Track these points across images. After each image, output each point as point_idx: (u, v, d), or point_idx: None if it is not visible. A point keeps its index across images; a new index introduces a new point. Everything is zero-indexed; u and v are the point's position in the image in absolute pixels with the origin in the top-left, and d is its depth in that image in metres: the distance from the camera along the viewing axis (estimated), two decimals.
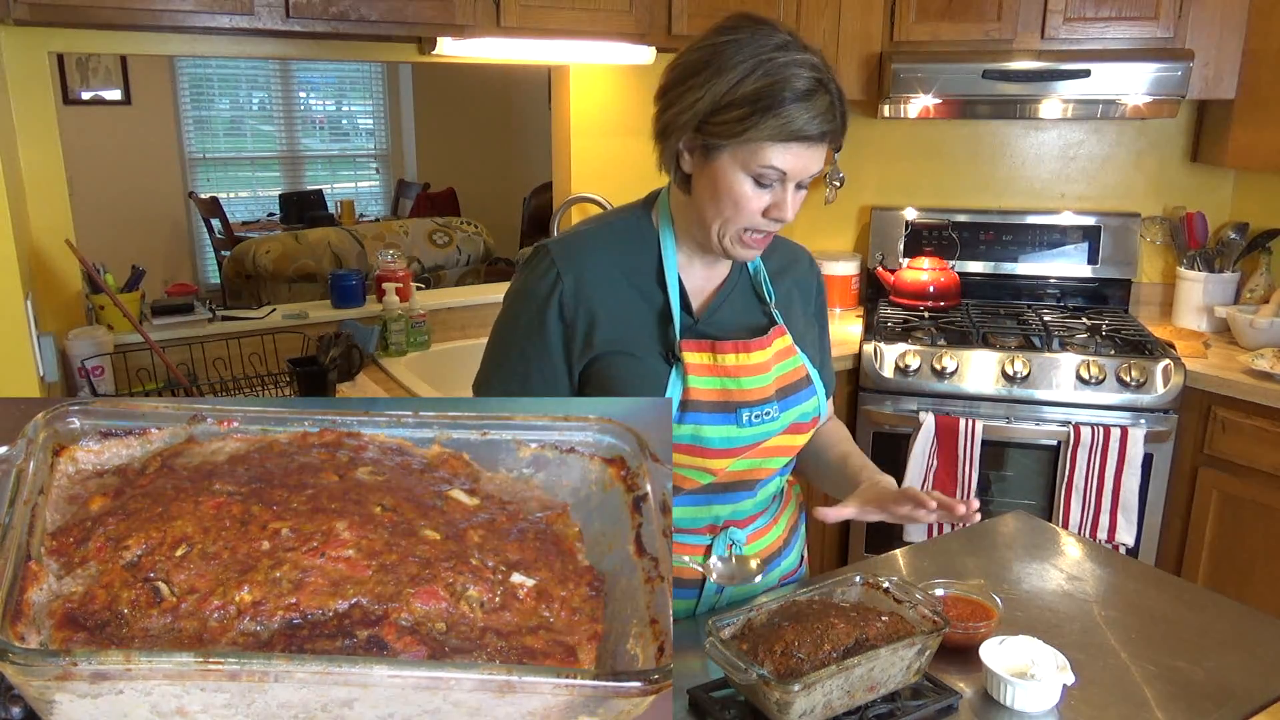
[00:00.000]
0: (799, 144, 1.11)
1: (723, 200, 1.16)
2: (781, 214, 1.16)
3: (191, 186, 6.96)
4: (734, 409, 1.22)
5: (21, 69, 2.04)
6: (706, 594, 1.31)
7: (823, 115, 1.11)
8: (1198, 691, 1.12)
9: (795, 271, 1.39)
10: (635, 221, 1.28)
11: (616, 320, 1.22)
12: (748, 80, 1.10)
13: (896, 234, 3.07)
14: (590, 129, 2.84)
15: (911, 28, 2.67)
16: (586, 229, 1.29)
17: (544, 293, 1.22)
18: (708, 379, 1.22)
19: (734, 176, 1.14)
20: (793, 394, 1.28)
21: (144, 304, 2.32)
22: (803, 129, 1.10)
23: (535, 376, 1.23)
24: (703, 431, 1.21)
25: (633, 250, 1.26)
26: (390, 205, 7.82)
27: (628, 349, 1.22)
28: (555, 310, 1.21)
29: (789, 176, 1.14)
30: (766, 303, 1.32)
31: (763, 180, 1.14)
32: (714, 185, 1.16)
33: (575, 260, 1.23)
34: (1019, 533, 1.56)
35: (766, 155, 1.11)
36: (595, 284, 1.22)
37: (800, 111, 1.09)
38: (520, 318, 1.24)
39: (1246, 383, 2.35)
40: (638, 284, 1.24)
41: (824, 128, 1.11)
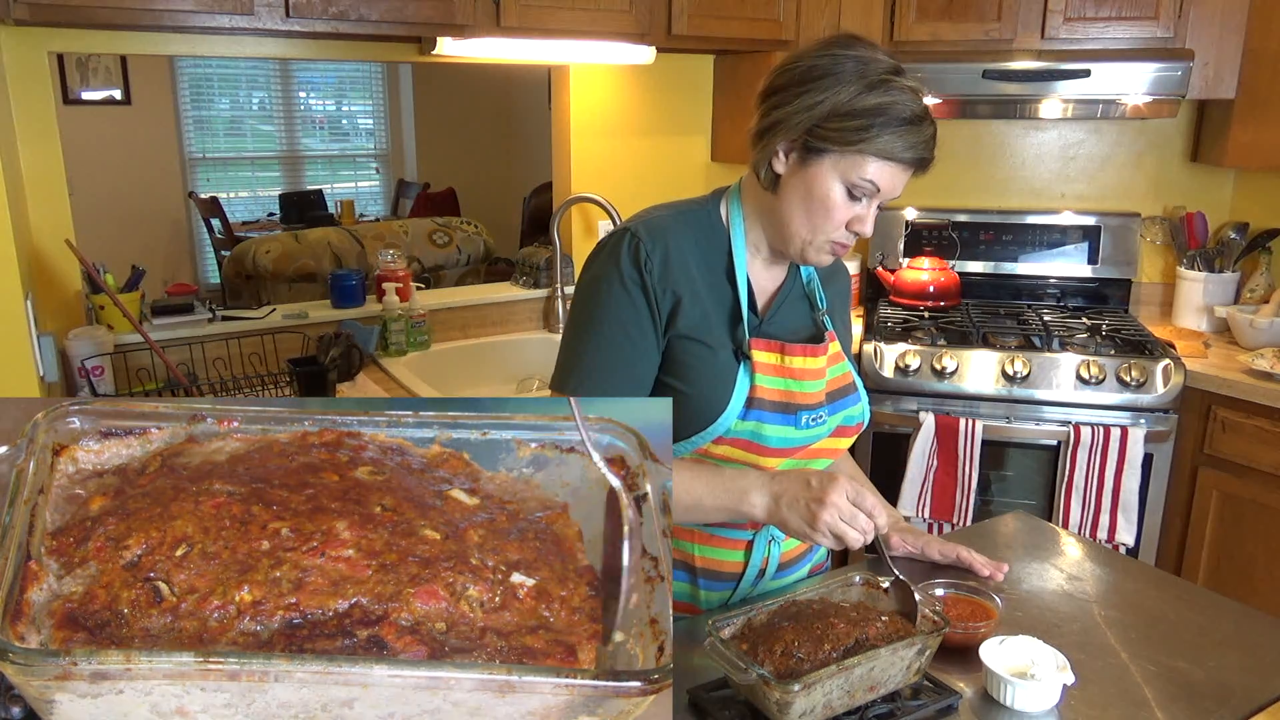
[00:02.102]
0: (898, 165, 1.17)
1: (814, 206, 1.19)
2: (863, 228, 1.21)
3: (191, 186, 6.96)
4: (794, 411, 1.25)
5: (21, 69, 2.04)
6: (743, 586, 1.32)
7: (925, 143, 1.17)
8: (1198, 691, 1.12)
9: (838, 280, 1.43)
10: (706, 215, 1.30)
11: (697, 306, 1.24)
12: (869, 95, 1.14)
13: (896, 234, 3.07)
14: (590, 129, 2.84)
15: (911, 28, 2.67)
16: (664, 213, 1.29)
17: (634, 269, 1.21)
18: (774, 379, 1.24)
19: (831, 184, 1.18)
20: (841, 399, 1.32)
21: (144, 304, 2.32)
22: (906, 151, 1.15)
23: (638, 356, 1.22)
24: (764, 430, 1.23)
25: (705, 241, 1.27)
26: (390, 205, 7.82)
27: (703, 338, 1.23)
28: (646, 286, 1.21)
29: (881, 194, 1.18)
30: (818, 309, 1.35)
31: (856, 192, 1.18)
32: (808, 189, 1.19)
33: (661, 240, 1.23)
34: (1019, 533, 1.56)
35: (868, 169, 1.16)
36: (678, 266, 1.23)
37: (910, 134, 1.15)
38: (613, 295, 1.22)
39: (1246, 383, 2.35)
40: (710, 276, 1.26)
41: (923, 154, 1.17)
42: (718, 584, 1.32)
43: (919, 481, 2.51)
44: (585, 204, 2.84)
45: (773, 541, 1.32)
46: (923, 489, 2.52)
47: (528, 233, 6.81)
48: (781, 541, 1.33)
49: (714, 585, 1.32)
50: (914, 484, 2.51)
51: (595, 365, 1.22)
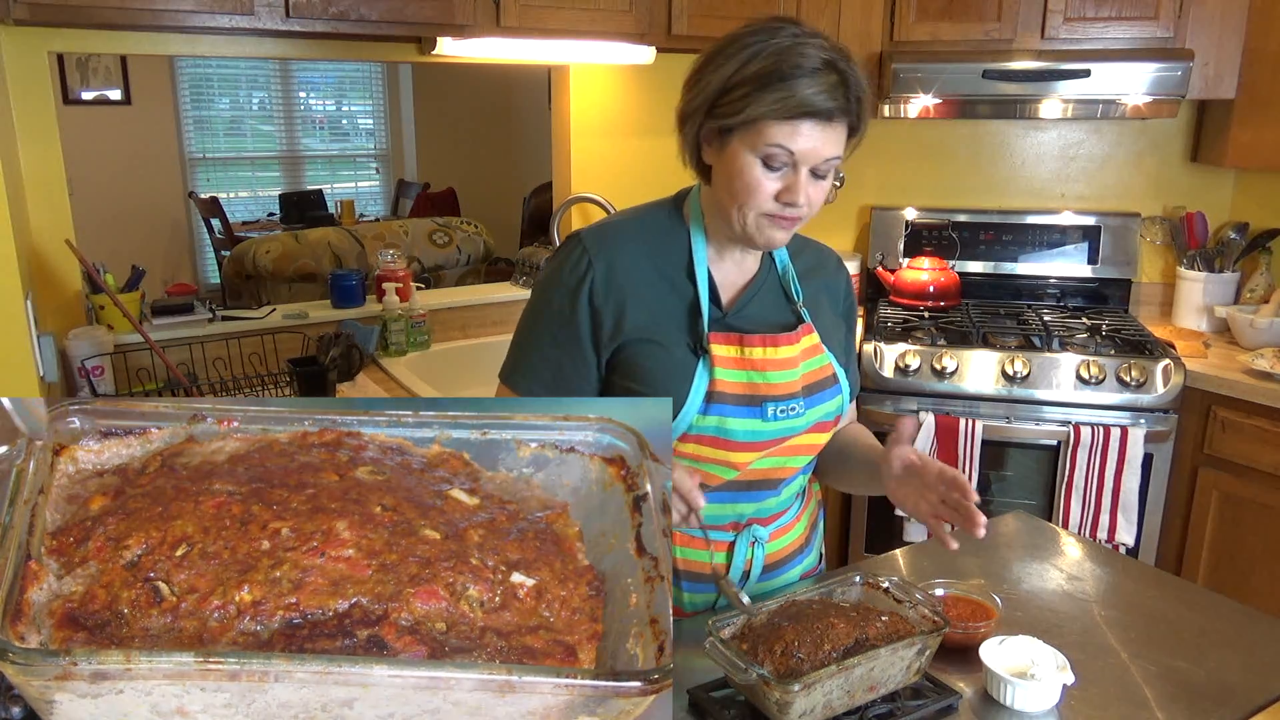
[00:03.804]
0: (806, 121, 1.10)
1: (735, 185, 1.16)
2: (792, 198, 1.14)
3: (191, 186, 6.96)
4: (760, 402, 1.23)
5: (21, 69, 2.04)
6: None
7: (828, 92, 1.09)
8: (1198, 691, 1.12)
9: (823, 273, 1.40)
10: (666, 216, 1.30)
11: (646, 309, 1.23)
12: (753, 61, 1.11)
13: (896, 234, 3.07)
14: (590, 129, 2.84)
15: (911, 28, 2.67)
16: (619, 219, 1.31)
17: (576, 279, 1.23)
18: (734, 371, 1.23)
19: (744, 160, 1.14)
20: (818, 391, 1.29)
21: (144, 304, 2.32)
22: (806, 103, 1.09)
23: (566, 363, 1.24)
24: (728, 424, 1.22)
25: (663, 242, 1.27)
26: (390, 205, 7.81)
27: (656, 338, 1.23)
28: (586, 296, 1.22)
29: (798, 158, 1.13)
30: (794, 301, 1.33)
31: (772, 162, 1.13)
32: (728, 170, 1.17)
33: (607, 247, 1.24)
34: (1019, 533, 1.56)
35: (772, 133, 1.11)
36: (626, 272, 1.23)
37: (804, 86, 1.09)
38: (552, 303, 1.25)
39: (1246, 383, 2.35)
40: (668, 276, 1.26)
41: (829, 104, 1.10)
42: (701, 586, 1.30)
43: None
44: (585, 204, 2.84)
45: (755, 544, 1.30)
46: None
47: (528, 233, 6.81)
48: (765, 543, 1.31)
49: (698, 588, 1.30)
50: None
51: (531, 362, 1.27)
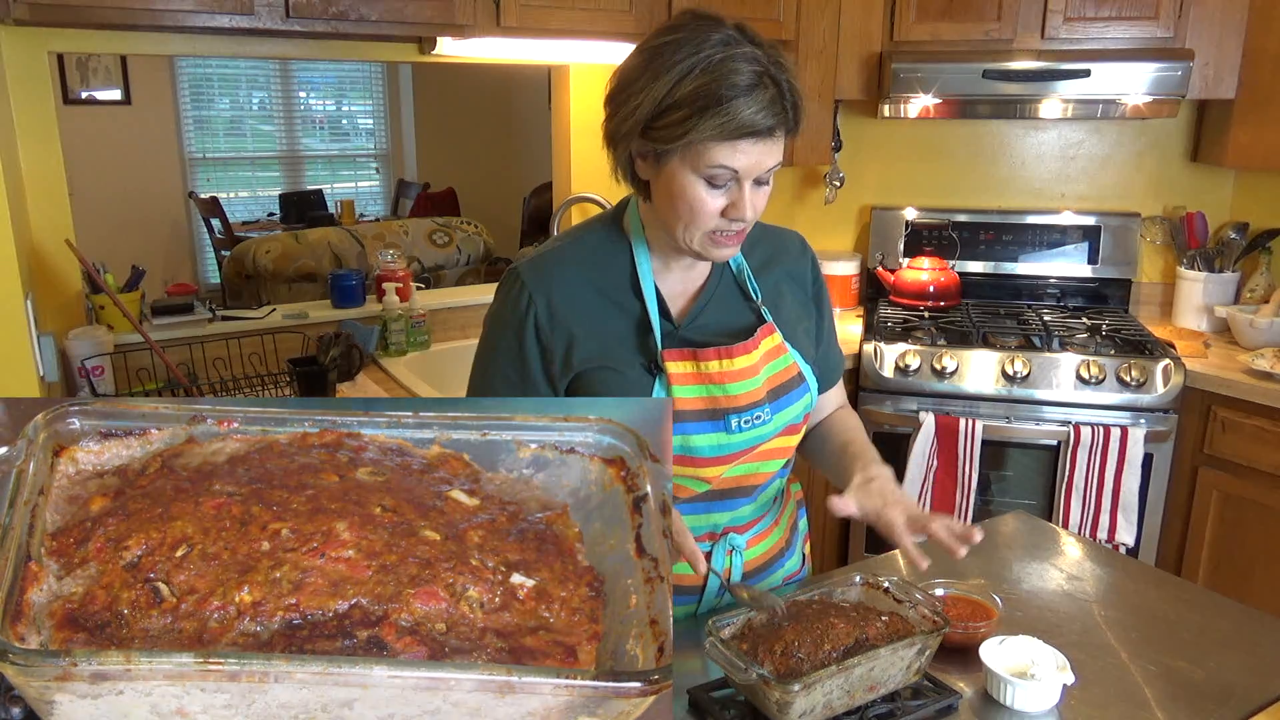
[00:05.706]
0: (746, 140, 1.07)
1: (679, 205, 1.13)
2: (740, 214, 1.12)
3: (191, 186, 6.96)
4: (722, 415, 1.20)
5: (21, 69, 2.04)
6: (707, 598, 1.30)
7: (767, 109, 1.07)
8: (1198, 691, 1.12)
9: (784, 260, 1.35)
10: (605, 233, 1.26)
11: (595, 336, 1.20)
12: (685, 81, 1.06)
13: (896, 234, 3.07)
14: (590, 129, 2.82)
15: (911, 28, 2.67)
16: (556, 247, 1.26)
17: (518, 317, 1.20)
18: (692, 387, 1.20)
19: (686, 180, 1.11)
20: (785, 394, 1.26)
21: (144, 304, 2.32)
22: (746, 124, 1.06)
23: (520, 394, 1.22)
24: (691, 441, 1.20)
25: (605, 263, 1.23)
26: (390, 205, 7.82)
27: (609, 364, 1.20)
28: (531, 334, 1.20)
29: (742, 175, 1.10)
30: (753, 300, 1.29)
31: (715, 181, 1.10)
32: (669, 191, 1.13)
33: (546, 281, 1.21)
34: (1019, 533, 1.56)
35: (714, 155, 1.08)
36: (569, 302, 1.20)
37: (742, 107, 1.05)
38: (499, 343, 1.23)
39: (1246, 383, 2.35)
40: (613, 297, 1.22)
41: (769, 121, 1.07)
42: (679, 597, 1.28)
43: (919, 482, 2.51)
44: (585, 204, 2.84)
45: (733, 552, 1.29)
46: (923, 489, 2.52)
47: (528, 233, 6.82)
48: (743, 550, 1.29)
49: (677, 599, 1.28)
50: (914, 484, 2.51)
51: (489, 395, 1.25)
